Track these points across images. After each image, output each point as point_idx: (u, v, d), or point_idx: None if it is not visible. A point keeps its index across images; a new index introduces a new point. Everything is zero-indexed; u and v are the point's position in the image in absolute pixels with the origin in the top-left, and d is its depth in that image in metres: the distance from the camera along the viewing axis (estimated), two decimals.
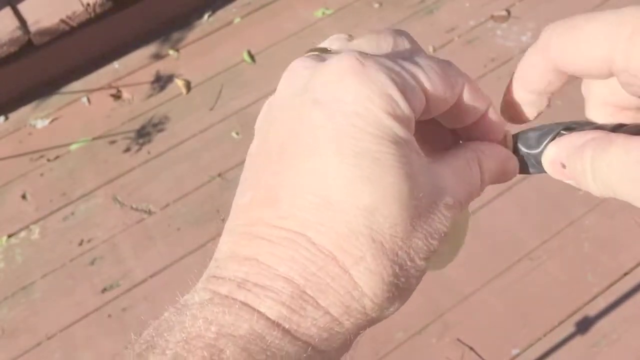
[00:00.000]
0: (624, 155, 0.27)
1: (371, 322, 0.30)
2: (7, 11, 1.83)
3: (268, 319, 0.27)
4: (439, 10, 1.96)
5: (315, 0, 2.02)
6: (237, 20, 2.02)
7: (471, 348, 1.37)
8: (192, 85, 1.90)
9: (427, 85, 0.31)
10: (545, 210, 1.55)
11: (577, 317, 1.40)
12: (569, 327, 1.40)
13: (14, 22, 1.81)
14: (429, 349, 1.38)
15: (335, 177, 0.28)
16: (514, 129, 0.35)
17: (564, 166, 0.31)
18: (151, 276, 1.56)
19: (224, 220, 1.78)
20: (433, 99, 0.31)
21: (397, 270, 0.29)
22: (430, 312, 1.42)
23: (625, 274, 1.45)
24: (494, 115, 0.34)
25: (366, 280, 0.29)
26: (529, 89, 0.33)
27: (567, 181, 0.32)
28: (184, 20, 2.03)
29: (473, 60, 1.82)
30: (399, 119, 0.29)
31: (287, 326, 0.28)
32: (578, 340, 1.38)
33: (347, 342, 0.29)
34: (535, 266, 1.48)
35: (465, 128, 0.35)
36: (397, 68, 0.30)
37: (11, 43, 1.80)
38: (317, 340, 0.28)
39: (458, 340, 1.38)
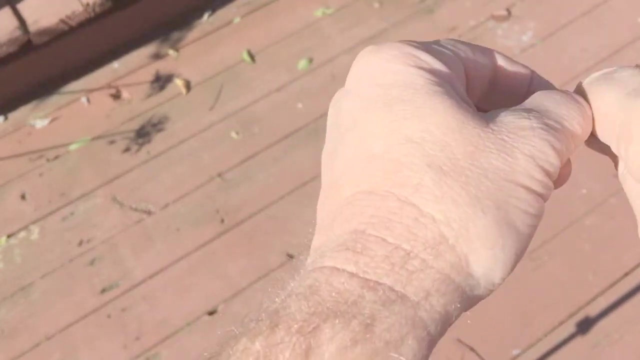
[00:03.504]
0: None
1: (466, 261, 0.27)
2: (7, 11, 1.82)
3: (332, 267, 0.26)
4: (440, 9, 1.96)
5: (315, 0, 2.02)
6: (236, 20, 2.02)
7: (471, 348, 1.37)
8: (192, 85, 1.89)
9: (456, 50, 0.32)
10: (546, 210, 1.54)
11: (578, 317, 1.40)
12: (570, 328, 1.39)
13: (13, 22, 1.80)
14: None
15: (372, 131, 0.29)
16: None
17: None
18: (150, 276, 1.56)
19: (223, 221, 1.79)
20: (470, 65, 0.32)
21: (472, 191, 0.27)
22: None
23: (626, 274, 1.45)
24: (541, 80, 0.35)
25: (433, 205, 0.27)
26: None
27: None
28: (183, 20, 2.03)
29: None
30: (424, 69, 0.30)
31: (350, 269, 0.26)
32: (579, 340, 1.38)
33: (443, 289, 0.26)
34: (536, 266, 1.47)
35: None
36: (418, 43, 0.31)
37: (10, 43, 1.79)
38: (393, 279, 0.26)
39: (458, 340, 1.38)
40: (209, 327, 1.47)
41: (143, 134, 1.80)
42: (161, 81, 1.91)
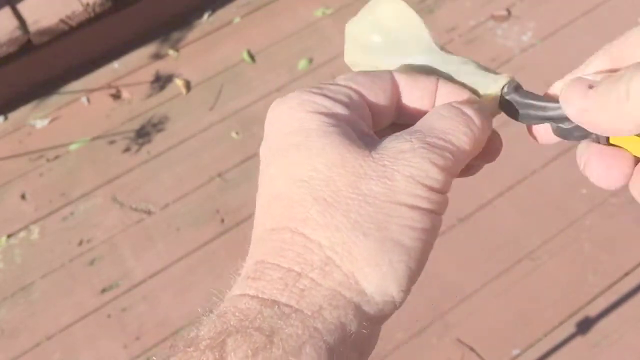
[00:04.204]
0: None
1: (354, 279, 0.30)
2: (7, 11, 1.82)
3: (237, 295, 0.30)
4: (440, 9, 1.96)
5: (315, 0, 2.02)
6: (236, 20, 2.02)
7: (471, 348, 1.37)
8: (192, 85, 1.89)
9: (354, 86, 0.34)
10: (546, 210, 1.54)
11: (578, 317, 1.40)
12: (570, 328, 1.39)
13: (13, 22, 1.80)
14: (429, 350, 1.38)
15: (274, 176, 0.33)
16: None
17: (590, 87, 0.31)
18: (150, 276, 1.56)
19: (223, 221, 1.79)
20: (371, 96, 0.35)
21: (353, 217, 0.30)
22: (430, 312, 1.41)
23: (626, 274, 1.45)
24: (446, 87, 0.36)
25: (319, 233, 0.30)
26: None
27: (579, 111, 0.31)
28: (183, 20, 2.03)
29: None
30: (321, 113, 0.33)
31: (251, 293, 0.30)
32: (579, 340, 1.38)
33: (335, 303, 0.29)
34: (535, 266, 1.47)
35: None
36: (317, 88, 0.34)
37: (10, 43, 1.79)
38: (287, 297, 0.29)
39: (458, 340, 1.38)
40: None
41: (143, 134, 1.80)
42: (161, 81, 1.91)
